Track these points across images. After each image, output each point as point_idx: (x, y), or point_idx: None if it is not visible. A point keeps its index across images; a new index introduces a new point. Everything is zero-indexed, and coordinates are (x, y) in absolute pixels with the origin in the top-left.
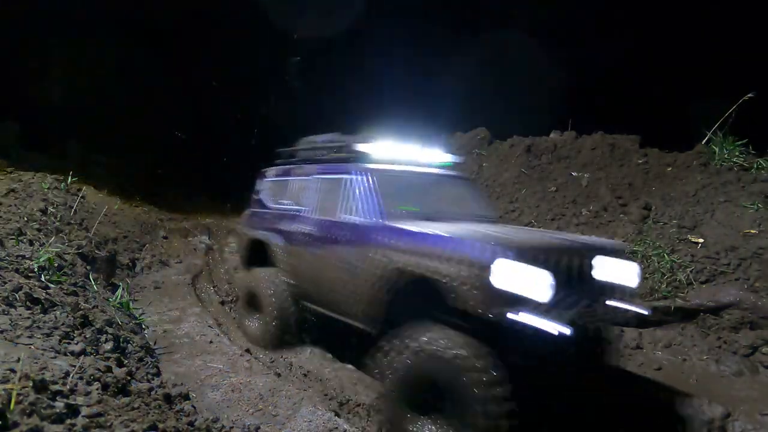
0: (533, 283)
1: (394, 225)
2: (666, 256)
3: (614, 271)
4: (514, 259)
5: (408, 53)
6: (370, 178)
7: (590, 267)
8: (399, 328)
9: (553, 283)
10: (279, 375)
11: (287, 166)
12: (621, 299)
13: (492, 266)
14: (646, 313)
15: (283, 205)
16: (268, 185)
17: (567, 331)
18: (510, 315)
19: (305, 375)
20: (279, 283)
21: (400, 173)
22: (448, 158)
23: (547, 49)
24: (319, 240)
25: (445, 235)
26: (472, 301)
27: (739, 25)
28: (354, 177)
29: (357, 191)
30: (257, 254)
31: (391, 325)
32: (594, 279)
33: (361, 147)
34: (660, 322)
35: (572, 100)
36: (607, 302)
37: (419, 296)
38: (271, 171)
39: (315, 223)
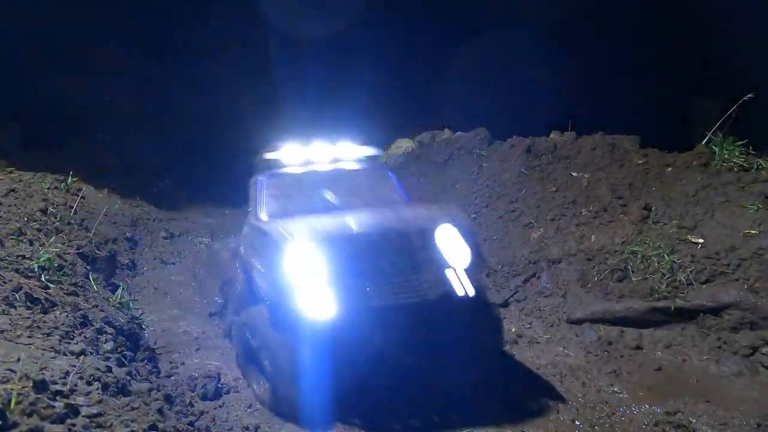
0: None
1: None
2: (666, 256)
3: None
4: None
5: (407, 52)
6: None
7: None
8: None
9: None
10: None
11: None
12: None
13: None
14: None
15: None
16: None
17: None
18: None
19: None
20: None
21: (291, 175)
22: (359, 152)
23: (547, 49)
24: None
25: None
26: None
27: (739, 25)
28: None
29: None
30: None
31: None
32: None
33: (267, 155)
34: (660, 322)
35: (572, 100)
36: None
37: None
38: None
39: None
